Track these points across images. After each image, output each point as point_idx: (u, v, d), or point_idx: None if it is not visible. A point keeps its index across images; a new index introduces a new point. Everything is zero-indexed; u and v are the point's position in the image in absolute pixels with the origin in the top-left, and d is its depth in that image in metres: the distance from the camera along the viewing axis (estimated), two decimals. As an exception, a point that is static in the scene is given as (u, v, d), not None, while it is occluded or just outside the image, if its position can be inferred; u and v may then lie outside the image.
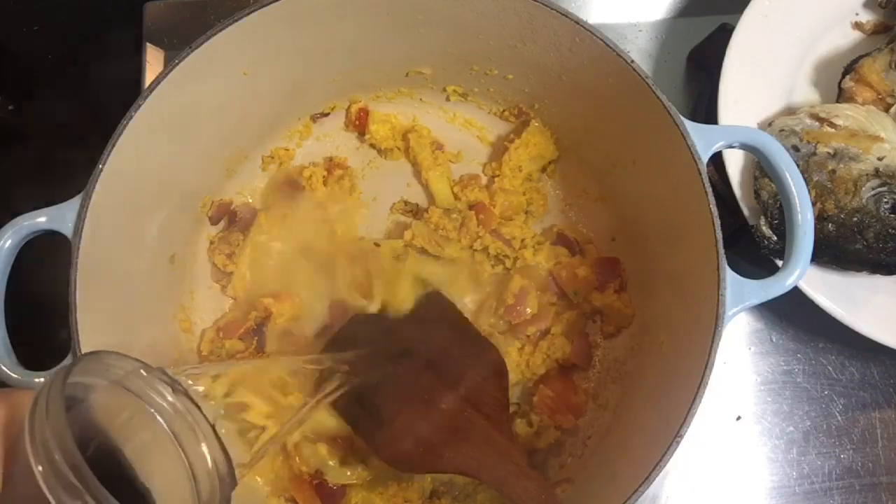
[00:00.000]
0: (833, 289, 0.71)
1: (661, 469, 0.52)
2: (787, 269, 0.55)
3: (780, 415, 0.76)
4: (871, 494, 0.75)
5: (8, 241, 0.55)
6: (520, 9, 0.61)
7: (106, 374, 0.39)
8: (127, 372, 0.40)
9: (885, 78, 0.74)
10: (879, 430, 0.77)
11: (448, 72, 0.72)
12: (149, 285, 0.66)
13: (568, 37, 0.61)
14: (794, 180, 0.56)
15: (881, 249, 0.70)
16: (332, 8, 0.63)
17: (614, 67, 0.60)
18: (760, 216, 0.70)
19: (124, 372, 0.40)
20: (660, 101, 0.57)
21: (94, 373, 0.39)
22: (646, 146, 0.63)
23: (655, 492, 0.74)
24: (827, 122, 0.72)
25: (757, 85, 0.75)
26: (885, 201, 0.70)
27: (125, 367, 0.40)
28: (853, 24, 0.81)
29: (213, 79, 0.62)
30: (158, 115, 0.59)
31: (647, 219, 0.67)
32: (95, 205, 0.56)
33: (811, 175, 0.71)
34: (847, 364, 0.78)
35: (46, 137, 0.88)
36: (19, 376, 0.55)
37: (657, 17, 0.87)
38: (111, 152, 0.57)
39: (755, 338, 0.79)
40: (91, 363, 0.39)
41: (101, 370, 0.39)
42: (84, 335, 0.55)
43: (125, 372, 0.40)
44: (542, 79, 0.68)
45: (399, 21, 0.65)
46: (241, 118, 0.69)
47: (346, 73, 0.71)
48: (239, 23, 0.59)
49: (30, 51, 0.89)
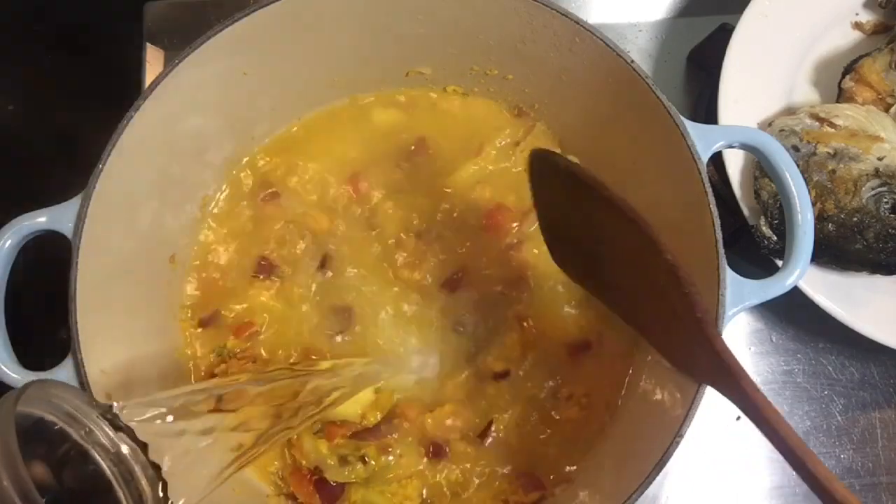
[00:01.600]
0: (833, 289, 0.71)
1: (661, 469, 0.52)
2: (787, 269, 0.55)
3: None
4: (871, 494, 0.75)
5: (8, 241, 0.56)
6: (520, 9, 0.61)
7: (49, 406, 0.40)
8: (71, 406, 0.40)
9: (885, 78, 0.74)
10: (879, 430, 0.77)
11: (448, 72, 0.72)
12: (149, 285, 0.65)
13: (568, 37, 0.61)
14: (794, 180, 0.56)
15: (881, 249, 0.70)
16: (332, 8, 0.63)
17: (614, 67, 0.60)
18: (760, 216, 0.70)
19: (67, 406, 0.41)
20: (660, 101, 0.57)
21: (37, 404, 0.40)
22: (646, 146, 0.63)
23: (655, 492, 0.74)
24: (827, 122, 0.72)
25: (757, 85, 0.75)
26: (885, 201, 0.70)
27: (69, 401, 0.41)
28: (853, 24, 0.81)
29: (213, 79, 0.62)
30: (158, 115, 0.59)
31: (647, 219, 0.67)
32: (95, 205, 0.56)
33: (811, 175, 0.71)
34: (847, 364, 0.78)
35: (46, 137, 0.88)
36: (19, 376, 0.55)
37: (657, 17, 0.87)
38: (111, 152, 0.57)
39: (755, 338, 0.79)
40: (36, 392, 0.40)
41: (44, 401, 0.40)
42: (84, 335, 0.55)
43: (68, 406, 0.40)
44: (542, 79, 0.68)
45: (399, 21, 0.65)
46: (241, 118, 0.69)
47: (346, 73, 0.71)
48: (239, 23, 0.59)
49: (30, 51, 0.89)
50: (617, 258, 0.55)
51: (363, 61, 0.70)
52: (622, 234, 0.51)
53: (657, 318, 0.55)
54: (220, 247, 0.71)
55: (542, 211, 0.61)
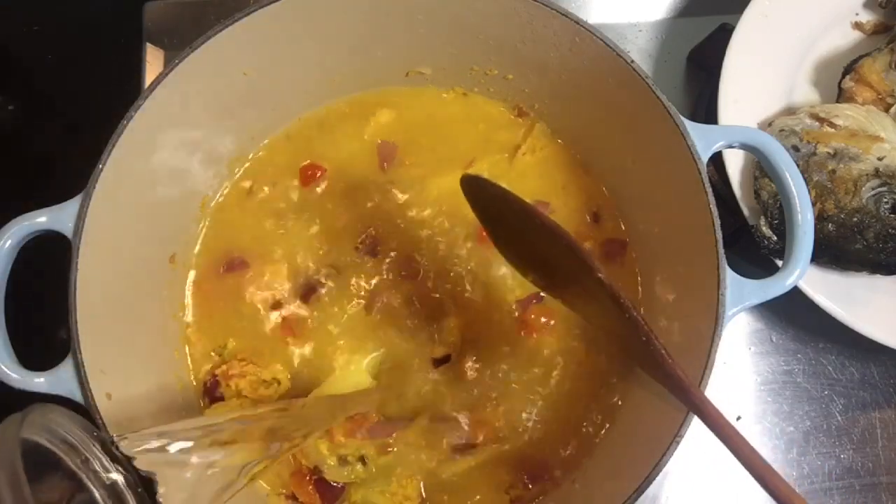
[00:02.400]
0: (833, 289, 0.71)
1: (661, 469, 0.52)
2: (787, 269, 0.55)
3: (780, 415, 0.76)
4: (871, 494, 0.75)
5: (8, 241, 0.56)
6: (520, 9, 0.61)
7: (48, 433, 0.41)
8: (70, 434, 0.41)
9: (885, 78, 0.74)
10: (879, 430, 0.77)
11: (448, 72, 0.72)
12: (149, 285, 0.65)
13: (568, 37, 0.61)
14: (794, 180, 0.56)
15: (881, 249, 0.70)
16: (332, 8, 0.63)
17: (614, 67, 0.60)
18: (760, 216, 0.70)
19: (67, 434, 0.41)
20: (660, 101, 0.57)
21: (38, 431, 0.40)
22: (646, 146, 0.63)
23: (655, 492, 0.74)
24: (827, 122, 0.72)
25: (757, 85, 0.75)
26: (885, 201, 0.70)
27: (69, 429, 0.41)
28: (853, 24, 0.81)
29: (213, 79, 0.62)
30: (158, 115, 0.59)
31: (647, 219, 0.67)
32: (95, 205, 0.56)
33: (811, 175, 0.71)
34: (847, 364, 0.78)
35: (46, 137, 0.88)
36: (19, 376, 0.54)
37: (657, 17, 0.87)
38: (111, 152, 0.57)
39: (755, 338, 0.79)
40: (38, 418, 0.41)
41: (44, 428, 0.41)
42: (84, 335, 0.55)
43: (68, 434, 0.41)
44: (542, 79, 0.68)
45: (399, 21, 0.65)
46: (240, 118, 0.69)
47: (346, 74, 0.71)
48: (239, 23, 0.59)
49: (30, 51, 0.89)
50: (566, 275, 0.55)
51: (363, 61, 0.70)
52: (562, 255, 0.51)
53: (619, 332, 0.55)
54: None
55: (488, 228, 0.61)
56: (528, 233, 0.54)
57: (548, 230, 0.50)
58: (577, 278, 0.52)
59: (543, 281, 0.61)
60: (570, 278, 0.54)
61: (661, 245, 0.66)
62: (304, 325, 0.69)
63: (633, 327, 0.49)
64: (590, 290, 0.51)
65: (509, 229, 0.57)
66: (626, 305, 0.48)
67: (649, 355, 0.50)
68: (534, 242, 0.54)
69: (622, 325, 0.50)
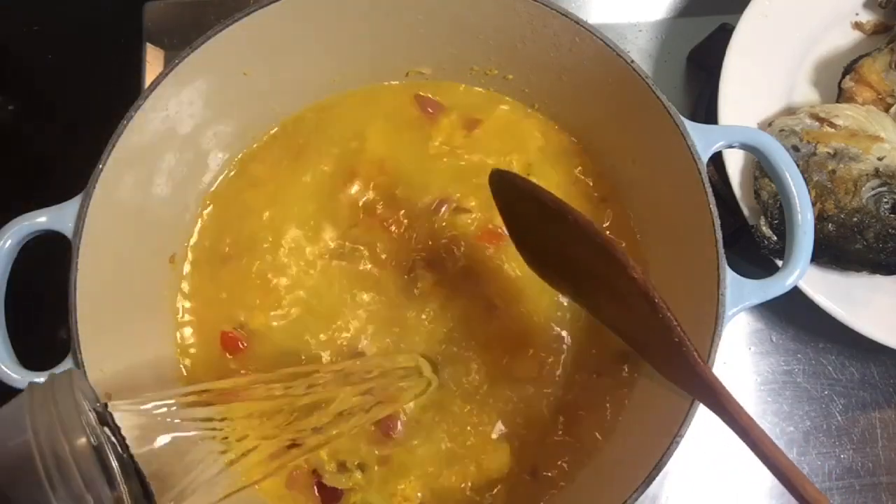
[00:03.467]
0: (833, 289, 0.71)
1: (661, 469, 0.52)
2: (787, 269, 0.55)
3: (780, 415, 0.76)
4: (871, 494, 0.75)
5: (8, 241, 0.56)
6: (520, 9, 0.61)
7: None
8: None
9: (885, 78, 0.75)
10: (879, 430, 0.77)
11: (448, 72, 0.72)
12: (149, 285, 0.65)
13: (568, 37, 0.61)
14: (794, 180, 0.56)
15: (881, 249, 0.70)
16: (332, 8, 0.63)
17: (614, 67, 0.60)
18: (760, 216, 0.70)
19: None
20: (660, 101, 0.58)
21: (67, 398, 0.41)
22: (645, 146, 0.63)
23: (655, 492, 0.74)
24: (827, 122, 0.72)
25: (757, 85, 0.75)
26: (885, 201, 0.70)
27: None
28: (853, 24, 0.81)
29: (213, 79, 0.62)
30: (158, 115, 0.59)
31: (647, 219, 0.67)
32: (95, 205, 0.56)
33: (811, 175, 0.71)
34: (847, 364, 0.78)
35: (46, 137, 0.88)
36: (19, 376, 0.55)
37: (657, 17, 0.87)
38: (111, 152, 0.57)
39: (755, 338, 0.79)
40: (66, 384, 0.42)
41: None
42: (84, 335, 0.55)
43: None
44: (542, 79, 0.68)
45: (399, 21, 0.65)
46: (240, 118, 0.69)
47: (346, 73, 0.71)
48: (239, 23, 0.59)
49: (30, 51, 0.89)
50: (593, 276, 0.54)
51: (363, 61, 0.70)
52: (592, 254, 0.50)
53: (641, 335, 0.54)
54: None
55: (511, 228, 0.61)
56: (554, 231, 0.53)
57: (580, 227, 0.49)
58: (605, 279, 0.51)
59: (564, 283, 0.61)
60: (596, 279, 0.54)
61: (660, 244, 0.66)
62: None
63: (664, 329, 0.48)
64: (618, 292, 0.51)
65: (534, 229, 0.57)
66: (660, 306, 0.48)
67: (676, 358, 0.50)
68: (561, 242, 0.53)
69: (650, 327, 0.50)
